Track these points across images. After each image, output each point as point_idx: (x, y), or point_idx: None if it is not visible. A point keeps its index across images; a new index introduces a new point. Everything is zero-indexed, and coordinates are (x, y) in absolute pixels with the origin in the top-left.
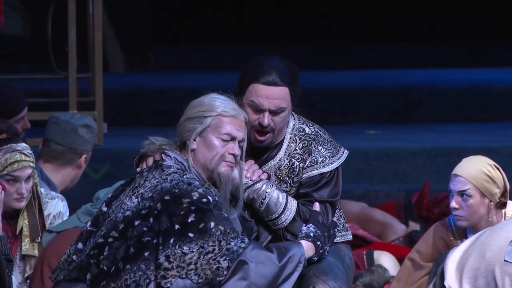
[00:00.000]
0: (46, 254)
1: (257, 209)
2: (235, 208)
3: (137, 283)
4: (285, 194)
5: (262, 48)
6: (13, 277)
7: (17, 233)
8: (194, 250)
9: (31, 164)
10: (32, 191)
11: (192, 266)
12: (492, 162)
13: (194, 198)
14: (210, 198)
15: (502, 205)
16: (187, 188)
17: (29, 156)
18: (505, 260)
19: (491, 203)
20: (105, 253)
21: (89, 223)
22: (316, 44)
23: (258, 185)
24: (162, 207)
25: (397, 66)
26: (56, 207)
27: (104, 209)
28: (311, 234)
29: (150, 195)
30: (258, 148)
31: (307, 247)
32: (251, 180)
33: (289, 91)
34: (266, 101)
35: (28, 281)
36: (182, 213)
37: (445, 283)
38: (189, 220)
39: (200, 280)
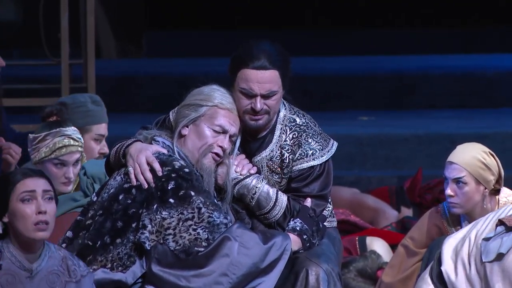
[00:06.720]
0: None
1: (248, 204)
2: (223, 201)
3: (128, 255)
4: (275, 189)
5: (255, 34)
6: None
7: None
8: (174, 216)
9: (79, 149)
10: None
11: (170, 231)
12: (487, 149)
13: (176, 166)
14: (192, 171)
15: (496, 191)
16: (168, 158)
17: (77, 141)
18: (482, 261)
19: (486, 190)
20: (90, 230)
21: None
22: (310, 30)
23: (248, 180)
24: None
25: (390, 52)
26: None
27: (94, 198)
28: (297, 228)
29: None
30: (253, 133)
31: (293, 240)
32: (241, 174)
33: (279, 74)
34: (257, 85)
35: None
36: (163, 179)
37: (442, 268)
38: (169, 187)
39: (177, 247)
